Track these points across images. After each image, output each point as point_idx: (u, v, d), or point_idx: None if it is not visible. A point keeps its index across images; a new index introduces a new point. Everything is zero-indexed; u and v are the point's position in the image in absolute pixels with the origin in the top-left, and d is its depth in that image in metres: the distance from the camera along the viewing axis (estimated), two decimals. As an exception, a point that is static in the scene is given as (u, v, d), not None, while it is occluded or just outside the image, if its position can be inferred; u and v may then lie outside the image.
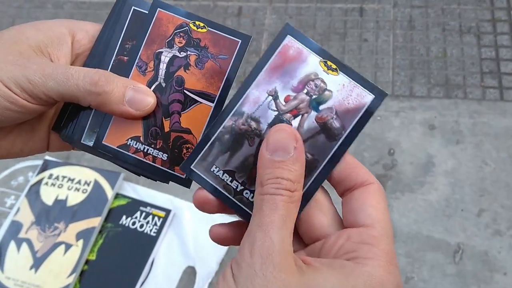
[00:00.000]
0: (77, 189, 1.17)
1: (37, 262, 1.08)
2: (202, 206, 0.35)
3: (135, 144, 0.37)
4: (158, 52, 0.37)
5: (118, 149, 0.37)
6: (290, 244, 0.29)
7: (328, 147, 0.33)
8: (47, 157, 1.19)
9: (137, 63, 0.37)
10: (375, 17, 1.70)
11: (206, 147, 0.34)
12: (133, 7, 0.39)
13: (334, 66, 0.33)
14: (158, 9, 0.37)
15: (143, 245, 1.13)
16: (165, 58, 0.37)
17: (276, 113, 0.34)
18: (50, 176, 1.19)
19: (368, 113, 0.33)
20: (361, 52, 1.63)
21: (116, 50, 0.38)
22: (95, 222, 1.13)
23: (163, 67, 0.37)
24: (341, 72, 0.33)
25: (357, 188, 0.33)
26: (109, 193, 1.16)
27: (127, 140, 0.37)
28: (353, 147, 1.39)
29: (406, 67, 1.57)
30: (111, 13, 0.39)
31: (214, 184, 0.34)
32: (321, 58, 0.34)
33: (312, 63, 0.34)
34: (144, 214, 1.17)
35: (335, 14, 1.73)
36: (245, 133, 0.34)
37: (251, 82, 0.34)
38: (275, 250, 0.28)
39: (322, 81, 0.33)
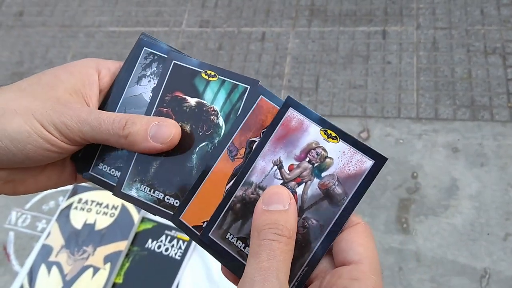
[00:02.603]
0: (105, 213, 1.20)
1: (67, 285, 1.11)
2: (229, 276, 0.37)
3: None
4: (251, 140, 0.37)
5: (192, 228, 0.37)
6: None
7: (332, 212, 0.34)
8: (77, 182, 1.23)
9: (229, 147, 0.37)
10: (398, 39, 1.71)
11: (221, 216, 0.36)
12: (173, 61, 0.41)
13: (334, 134, 0.34)
14: (261, 96, 0.37)
15: (168, 269, 1.14)
16: None
17: (281, 181, 0.35)
18: (79, 201, 1.23)
19: (369, 178, 0.34)
20: (384, 74, 1.63)
21: (157, 102, 0.40)
22: (122, 245, 1.15)
23: None
24: (341, 140, 0.34)
25: (346, 229, 0.34)
26: (136, 217, 1.18)
27: (203, 222, 0.37)
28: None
29: (431, 88, 1.56)
30: (129, 57, 0.42)
31: (229, 251, 0.35)
32: (321, 127, 0.35)
33: (313, 132, 0.35)
34: (169, 237, 1.18)
35: (357, 37, 1.74)
36: (254, 201, 0.35)
37: (258, 154, 0.36)
38: None
39: (323, 149, 0.34)
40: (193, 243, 1.13)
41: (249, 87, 0.39)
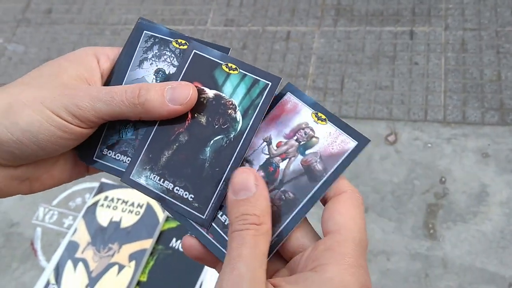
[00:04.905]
0: (131, 211, 1.21)
1: (92, 282, 1.12)
2: (189, 251, 0.37)
3: None
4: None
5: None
6: (262, 273, 0.30)
7: (310, 187, 0.35)
8: (103, 180, 1.24)
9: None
10: (426, 40, 1.68)
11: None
12: (194, 51, 0.40)
13: (323, 117, 0.37)
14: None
15: (192, 268, 1.14)
16: None
17: (268, 156, 0.37)
18: (105, 198, 1.24)
19: (350, 157, 0.35)
20: (411, 75, 1.61)
21: None
22: (147, 244, 1.15)
23: None
24: (329, 122, 0.37)
25: (331, 198, 0.34)
26: (160, 215, 1.19)
27: None
28: (403, 176, 1.37)
29: (459, 90, 1.53)
30: (128, 41, 0.42)
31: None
32: (313, 110, 0.37)
33: (305, 115, 0.37)
34: (193, 237, 1.18)
35: (384, 38, 1.72)
36: None
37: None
38: (243, 279, 0.29)
39: (311, 129, 0.37)
40: (218, 243, 1.13)
41: (270, 83, 0.38)
